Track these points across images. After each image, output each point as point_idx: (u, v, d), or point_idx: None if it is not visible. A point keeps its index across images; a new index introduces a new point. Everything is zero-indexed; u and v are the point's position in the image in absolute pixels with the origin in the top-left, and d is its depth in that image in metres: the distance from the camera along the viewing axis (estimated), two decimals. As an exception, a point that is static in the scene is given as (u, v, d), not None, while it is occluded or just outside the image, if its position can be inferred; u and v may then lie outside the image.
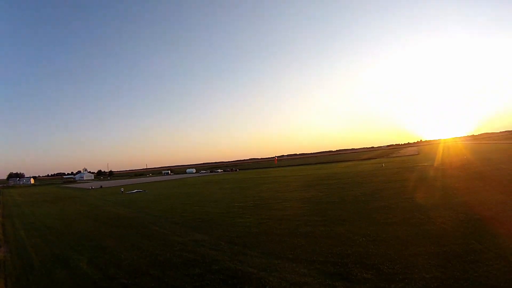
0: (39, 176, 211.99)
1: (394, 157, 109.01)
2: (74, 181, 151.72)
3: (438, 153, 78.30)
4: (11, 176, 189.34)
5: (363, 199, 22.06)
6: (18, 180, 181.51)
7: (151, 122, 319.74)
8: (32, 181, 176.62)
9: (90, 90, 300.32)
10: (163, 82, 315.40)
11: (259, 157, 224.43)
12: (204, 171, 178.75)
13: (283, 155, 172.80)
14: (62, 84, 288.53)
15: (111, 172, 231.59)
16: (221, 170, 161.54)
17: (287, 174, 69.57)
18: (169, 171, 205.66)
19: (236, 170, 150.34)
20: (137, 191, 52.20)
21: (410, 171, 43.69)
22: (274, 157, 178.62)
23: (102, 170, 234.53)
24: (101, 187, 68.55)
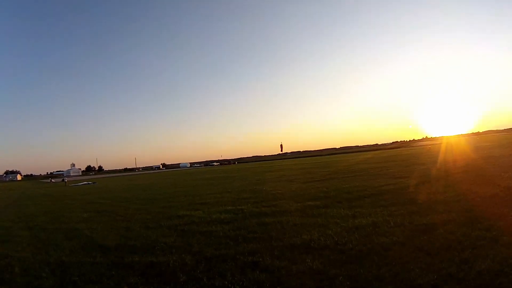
0: (31, 175, 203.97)
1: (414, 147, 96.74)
2: (60, 177, 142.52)
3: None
4: (7, 173, 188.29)
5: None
6: (5, 176, 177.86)
7: (149, 119, 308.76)
8: (18, 177, 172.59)
9: (83, 87, 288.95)
10: (160, 77, 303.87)
11: (262, 154, 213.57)
12: (198, 164, 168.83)
13: (286, 153, 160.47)
14: (55, 81, 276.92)
15: (100, 168, 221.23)
16: (217, 163, 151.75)
17: (297, 162, 57.55)
18: (160, 166, 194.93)
19: (234, 163, 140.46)
20: (85, 183, 48.67)
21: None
22: (280, 145, 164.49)
23: (92, 166, 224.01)
24: (63, 180, 63.51)
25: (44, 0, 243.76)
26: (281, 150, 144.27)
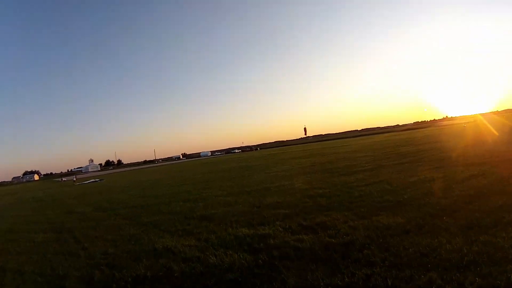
0: (51, 173, 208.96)
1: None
2: (79, 173, 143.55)
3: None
4: (26, 173, 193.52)
5: None
6: (22, 177, 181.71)
7: (168, 108, 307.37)
8: (36, 177, 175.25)
9: (99, 83, 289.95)
10: (177, 65, 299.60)
11: (284, 139, 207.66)
12: (219, 153, 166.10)
13: (308, 136, 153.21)
14: (71, 78, 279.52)
15: (119, 162, 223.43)
16: (238, 150, 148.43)
17: (325, 146, 52.23)
18: (180, 156, 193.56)
19: (256, 149, 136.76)
20: (92, 181, 47.40)
21: None
22: (303, 128, 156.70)
23: (110, 161, 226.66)
24: (74, 179, 61.72)
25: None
26: (305, 134, 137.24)
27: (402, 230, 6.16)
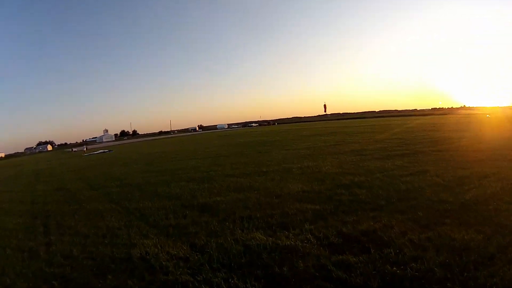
0: (65, 144, 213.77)
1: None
2: (93, 143, 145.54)
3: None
4: (40, 144, 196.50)
5: None
6: (34, 148, 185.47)
7: (184, 79, 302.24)
8: (49, 147, 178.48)
9: (114, 51, 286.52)
10: (194, 33, 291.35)
11: (302, 115, 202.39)
12: (236, 126, 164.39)
13: (326, 114, 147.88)
14: (85, 47, 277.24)
15: (134, 132, 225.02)
16: (256, 124, 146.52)
17: (347, 125, 49.31)
18: (196, 127, 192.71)
19: (273, 124, 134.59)
20: (101, 152, 47.52)
21: None
22: (323, 105, 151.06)
23: (126, 130, 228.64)
24: (84, 150, 64.51)
25: None
26: (325, 111, 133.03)
27: (484, 253, 4.21)
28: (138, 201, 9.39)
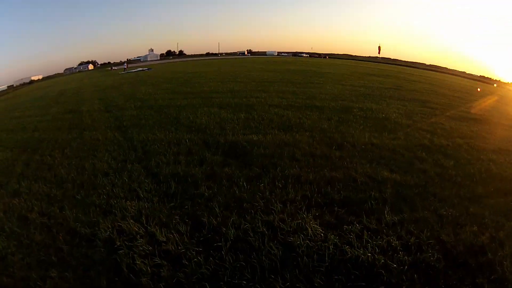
0: (109, 63, 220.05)
1: None
2: (138, 62, 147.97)
3: None
4: (81, 64, 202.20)
5: None
6: (75, 68, 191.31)
7: (234, 3, 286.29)
8: (90, 67, 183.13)
9: None
10: None
11: (353, 54, 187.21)
12: (286, 54, 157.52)
13: (376, 57, 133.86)
14: None
15: (180, 52, 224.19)
16: (306, 55, 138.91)
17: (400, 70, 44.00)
18: (245, 52, 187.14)
19: (325, 57, 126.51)
20: (140, 70, 46.52)
21: None
22: (378, 47, 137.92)
23: (172, 50, 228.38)
24: (125, 67, 61.98)
25: None
26: (379, 53, 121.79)
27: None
28: (149, 131, 7.47)
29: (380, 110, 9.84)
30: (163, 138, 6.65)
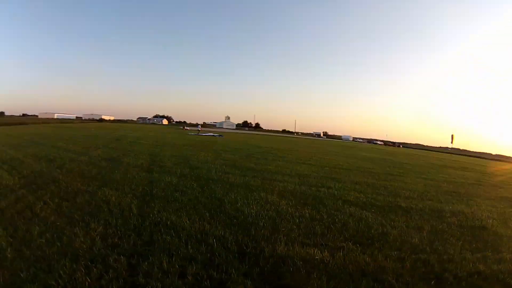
0: (184, 122, 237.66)
1: None
2: (212, 127, 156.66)
3: None
4: (156, 117, 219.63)
5: None
6: (148, 119, 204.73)
7: (311, 81, 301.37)
8: (164, 121, 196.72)
9: (249, 41, 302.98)
10: (326, 36, 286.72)
11: (425, 144, 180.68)
12: (361, 140, 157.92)
13: (447, 147, 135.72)
14: (224, 33, 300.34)
15: (257, 125, 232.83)
16: (381, 142, 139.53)
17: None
18: (321, 133, 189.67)
19: (399, 146, 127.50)
20: (210, 135, 49.66)
21: None
22: (451, 135, 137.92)
23: (248, 122, 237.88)
24: (199, 130, 64.86)
25: None
26: (451, 142, 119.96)
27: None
28: (176, 210, 5.68)
29: (473, 215, 7.48)
30: (186, 227, 4.79)
